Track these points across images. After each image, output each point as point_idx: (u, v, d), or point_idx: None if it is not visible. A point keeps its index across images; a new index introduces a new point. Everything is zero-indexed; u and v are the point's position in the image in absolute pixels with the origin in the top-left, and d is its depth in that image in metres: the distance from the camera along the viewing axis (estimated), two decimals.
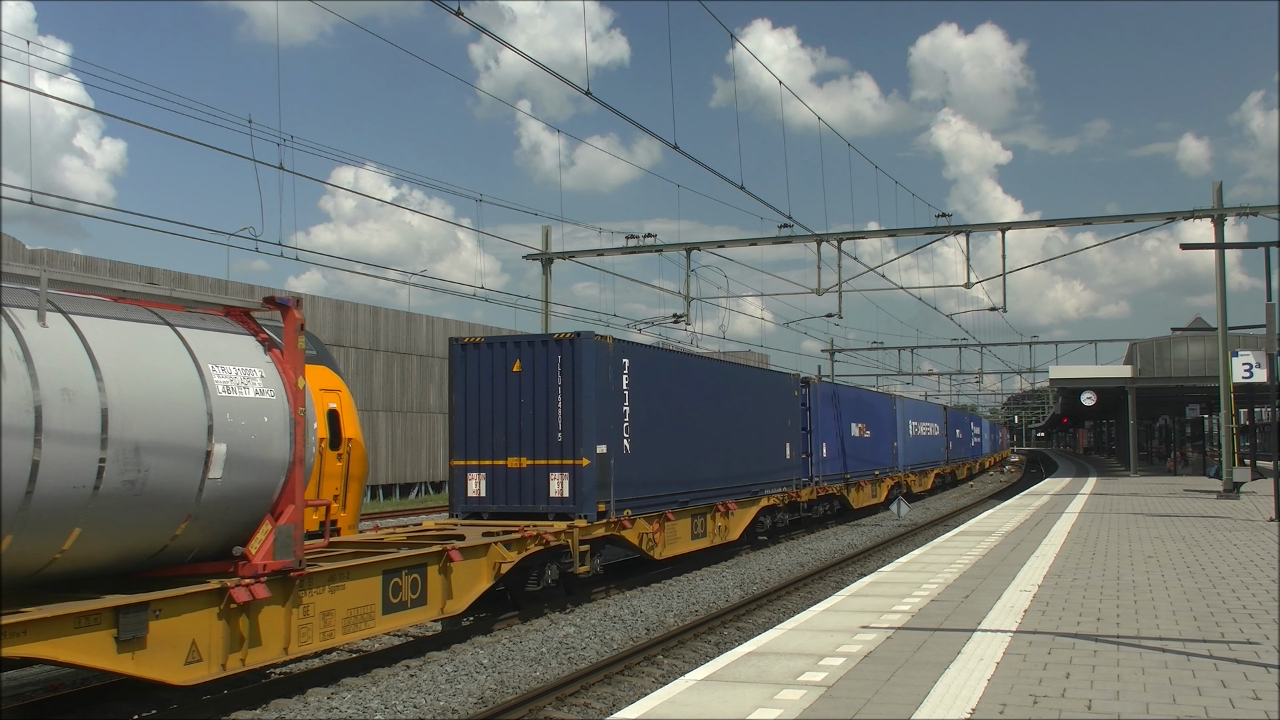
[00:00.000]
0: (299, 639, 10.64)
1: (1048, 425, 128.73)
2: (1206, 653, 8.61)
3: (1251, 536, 18.44)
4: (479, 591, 13.80)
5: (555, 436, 16.63)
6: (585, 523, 16.26)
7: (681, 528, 20.05)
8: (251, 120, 14.53)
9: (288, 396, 10.40)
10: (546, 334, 17.00)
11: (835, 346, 63.80)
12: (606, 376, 17.05)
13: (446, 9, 11.09)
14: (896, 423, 40.29)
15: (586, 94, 13.94)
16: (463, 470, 17.19)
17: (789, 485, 26.42)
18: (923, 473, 45.34)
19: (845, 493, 32.04)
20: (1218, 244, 27.94)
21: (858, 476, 33.59)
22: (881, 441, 37.44)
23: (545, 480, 16.68)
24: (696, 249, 31.13)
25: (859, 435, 34.11)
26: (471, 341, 17.45)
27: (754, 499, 23.99)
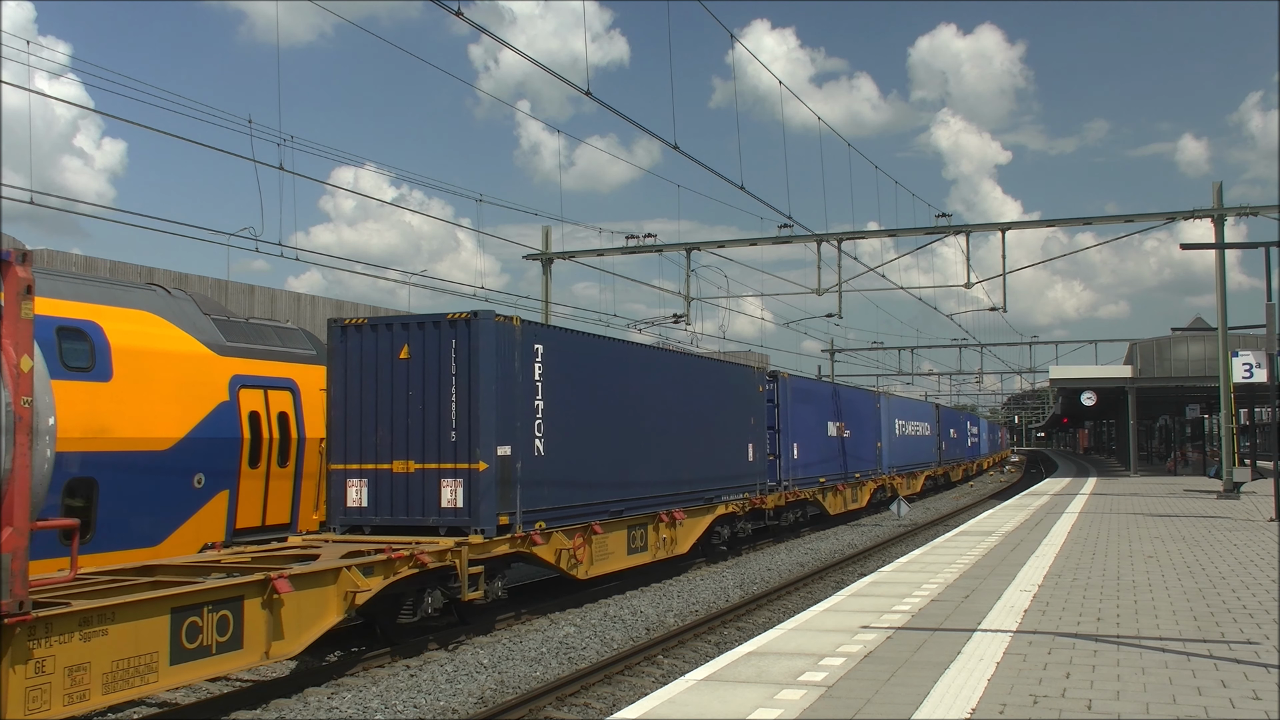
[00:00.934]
0: (27, 705, 8.01)
1: (1048, 425, 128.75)
2: (1206, 653, 8.61)
3: (1251, 536, 18.44)
4: (322, 628, 11.31)
5: (448, 436, 14.20)
6: (481, 539, 13.89)
7: (615, 541, 17.60)
8: (251, 120, 14.54)
9: (4, 384, 7.75)
10: (439, 314, 14.57)
11: (835, 346, 63.84)
12: (512, 365, 14.65)
13: (446, 9, 11.09)
14: (881, 421, 37.93)
15: (586, 94, 13.95)
16: (341, 476, 14.65)
17: (752, 490, 23.90)
18: (911, 475, 42.78)
19: (820, 498, 29.74)
20: (1218, 244, 27.95)
21: (835, 480, 31.26)
22: (863, 442, 35.26)
23: (436, 488, 14.22)
24: (696, 249, 31.14)
25: (837, 435, 31.74)
26: (353, 323, 14.98)
27: (708, 506, 21.59)
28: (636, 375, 18.87)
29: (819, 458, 29.50)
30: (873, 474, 36.26)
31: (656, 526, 19.12)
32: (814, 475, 28.92)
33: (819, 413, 29.93)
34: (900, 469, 40.50)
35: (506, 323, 14.70)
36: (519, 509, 14.64)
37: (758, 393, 24.87)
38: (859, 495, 34.30)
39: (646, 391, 19.16)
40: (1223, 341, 30.06)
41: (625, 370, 18.43)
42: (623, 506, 17.77)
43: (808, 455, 28.31)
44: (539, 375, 15.31)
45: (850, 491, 33.17)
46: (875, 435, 36.90)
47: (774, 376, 26.54)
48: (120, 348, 13.14)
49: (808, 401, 28.94)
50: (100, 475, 12.60)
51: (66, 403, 12.21)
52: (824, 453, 30.08)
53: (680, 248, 31.19)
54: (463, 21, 11.32)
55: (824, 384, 34.32)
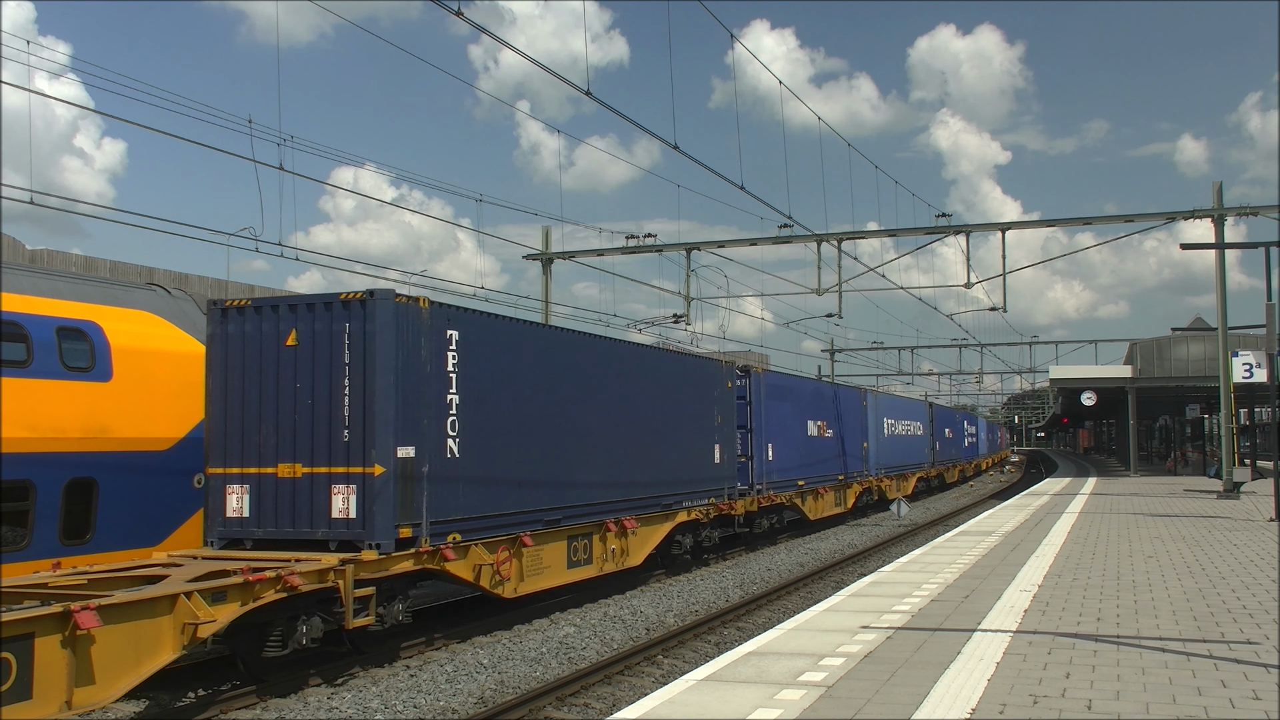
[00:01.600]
0: None
1: (1048, 425, 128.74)
2: (1206, 653, 8.61)
3: (1251, 536, 18.44)
4: (151, 668, 9.53)
5: (339, 435, 12.46)
6: (375, 554, 12.02)
7: (551, 554, 15.72)
8: (251, 120, 14.53)
9: None
10: (331, 294, 12.77)
11: (835, 346, 63.83)
12: (418, 353, 12.88)
13: (447, 9, 11.09)
14: (868, 420, 35.76)
15: (587, 94, 13.94)
16: (220, 481, 12.91)
17: (719, 495, 21.91)
18: (901, 476, 40.58)
19: (799, 502, 27.58)
20: (1218, 244, 27.95)
21: (817, 482, 29.16)
22: (848, 442, 33.04)
23: (326, 495, 12.43)
24: (696, 249, 31.14)
25: (818, 435, 29.64)
26: (235, 305, 13.18)
27: (666, 513, 19.62)
28: (578, 367, 16.83)
29: (798, 459, 27.44)
30: (859, 476, 34.09)
31: (604, 536, 17.22)
32: (792, 478, 26.88)
33: (798, 411, 27.95)
34: (890, 470, 38.40)
35: (411, 304, 12.86)
36: (425, 519, 12.77)
37: (726, 389, 22.89)
38: (843, 498, 32.32)
39: (591, 386, 17.18)
40: (1223, 341, 30.06)
41: (564, 361, 16.44)
42: (561, 515, 15.87)
43: (785, 456, 26.29)
44: (454, 365, 13.48)
45: (834, 495, 31.13)
46: (862, 435, 34.88)
47: (746, 371, 24.52)
48: (120, 348, 13.10)
49: (785, 399, 26.93)
50: (100, 475, 12.58)
51: (66, 403, 12.24)
52: (804, 454, 27.99)
53: (680, 248, 31.19)
54: (463, 21, 11.32)
55: (803, 380, 31.54)
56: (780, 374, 28.60)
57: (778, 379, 27.30)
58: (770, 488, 25.13)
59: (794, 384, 29.00)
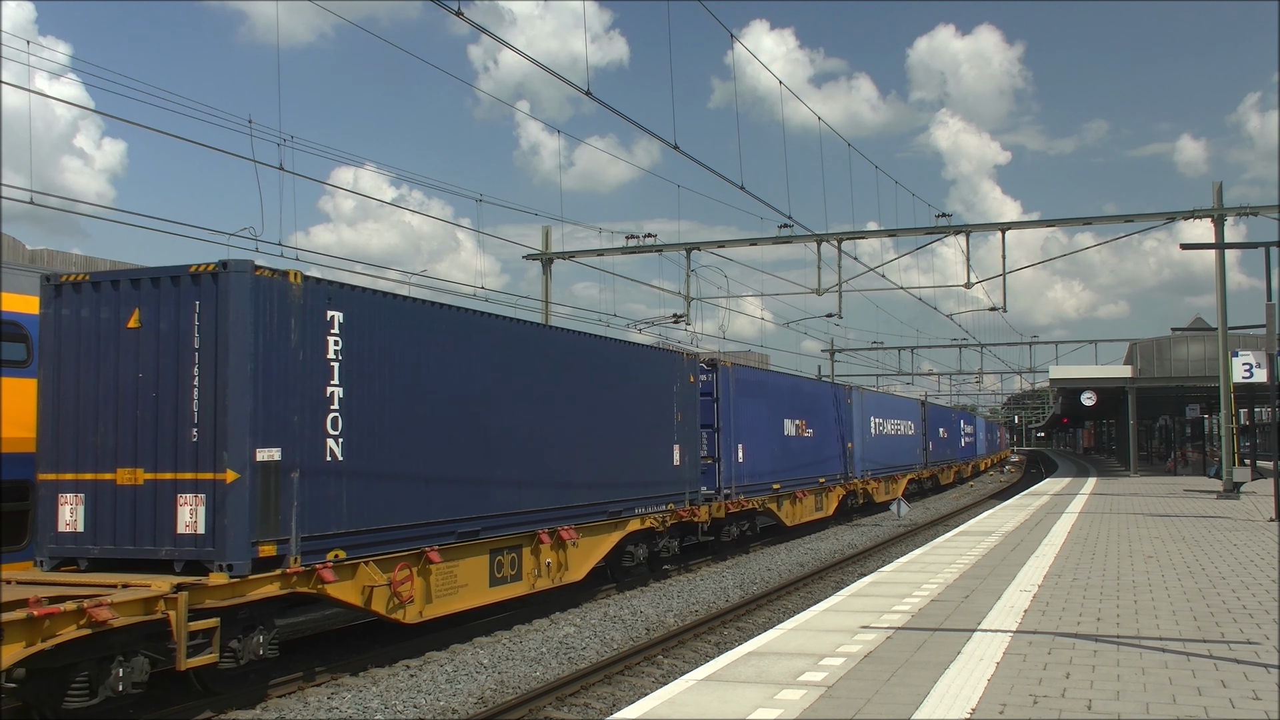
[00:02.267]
0: None
1: (1048, 425, 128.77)
2: (1206, 653, 8.61)
3: (1251, 536, 18.44)
4: None
5: (187, 435, 10.59)
6: (225, 577, 10.14)
7: (468, 570, 13.64)
8: (251, 120, 14.53)
9: None
10: (180, 266, 10.83)
11: (835, 346, 63.83)
12: (286, 338, 10.92)
13: (447, 9, 11.09)
14: (853, 419, 33.77)
15: (587, 94, 13.94)
16: (52, 490, 10.99)
17: (679, 500, 19.90)
18: (890, 479, 38.51)
19: (775, 507, 25.68)
20: (1218, 244, 27.95)
21: (794, 485, 27.07)
22: (829, 442, 30.91)
23: (171, 506, 10.52)
24: (696, 249, 31.13)
25: (796, 435, 27.65)
26: (70, 281, 11.21)
27: (615, 522, 17.64)
28: (504, 357, 14.77)
29: (773, 461, 25.44)
30: (842, 478, 32.01)
31: (536, 549, 15.23)
32: (766, 481, 24.92)
33: (772, 409, 25.92)
34: (878, 472, 36.49)
35: (278, 279, 10.87)
36: (295, 534, 10.84)
37: (689, 384, 20.72)
38: (824, 502, 29.96)
39: (521, 378, 15.14)
40: (1223, 341, 30.05)
41: (485, 350, 14.34)
42: (481, 525, 13.90)
43: (757, 458, 24.37)
44: (336, 352, 11.53)
45: (813, 499, 28.82)
46: (845, 434, 32.68)
47: (712, 365, 22.68)
48: None
49: (758, 395, 25.00)
50: None
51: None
52: (779, 455, 26.09)
53: (680, 248, 31.19)
54: (462, 22, 11.31)
55: (780, 375, 29.02)
56: (753, 369, 26.64)
57: (749, 374, 25.16)
58: (740, 492, 23.20)
59: (768, 380, 26.82)
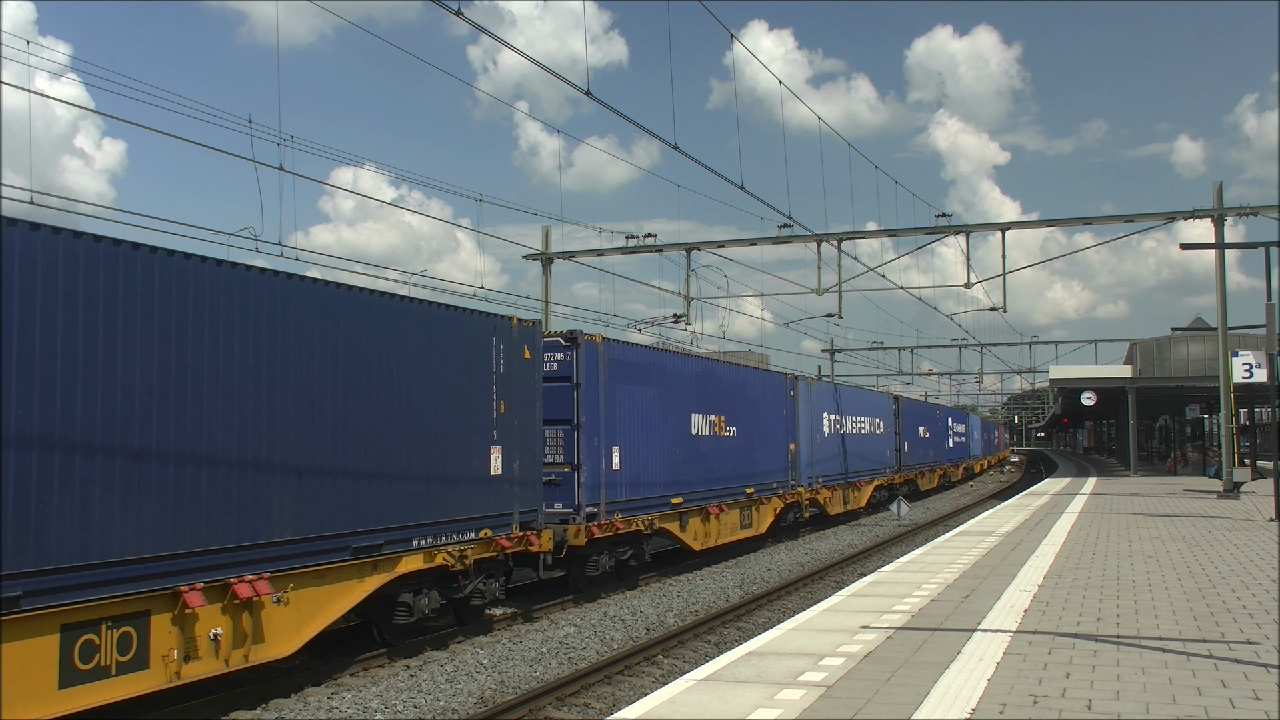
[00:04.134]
0: None
1: (1048, 425, 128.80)
2: (1206, 653, 8.61)
3: (1251, 536, 18.44)
4: None
5: None
6: None
7: (22, 663, 8.29)
8: (251, 120, 14.51)
9: None
10: None
11: (835, 346, 63.85)
12: None
13: (447, 9, 11.08)
14: (798, 416, 27.90)
15: (587, 94, 13.93)
16: None
17: (503, 524, 14.45)
18: (851, 485, 33.17)
19: (676, 527, 20.23)
20: (1218, 244, 27.94)
21: (708, 498, 21.62)
22: (763, 443, 25.21)
23: None
24: (696, 249, 31.13)
25: (712, 434, 22.12)
26: None
27: (368, 562, 12.08)
28: (135, 309, 9.47)
29: (670, 469, 20.01)
30: (781, 487, 26.26)
31: (182, 617, 9.71)
32: (660, 494, 19.53)
33: (670, 400, 20.28)
34: (833, 478, 31.03)
35: None
36: None
37: (522, 362, 15.11)
38: (754, 518, 24.49)
39: (169, 345, 9.79)
40: (1223, 341, 30.05)
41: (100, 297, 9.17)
42: (36, 593, 8.44)
43: (645, 465, 18.98)
44: None
45: (737, 514, 23.43)
46: (787, 434, 26.86)
47: (572, 340, 17.11)
48: None
49: (646, 382, 19.30)
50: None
51: None
52: (682, 460, 20.56)
53: (680, 248, 31.19)
54: (462, 22, 11.31)
55: (684, 358, 22.38)
56: (639, 347, 19.91)
57: (631, 354, 18.96)
58: (617, 509, 17.77)
59: (664, 363, 20.48)
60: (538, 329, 15.81)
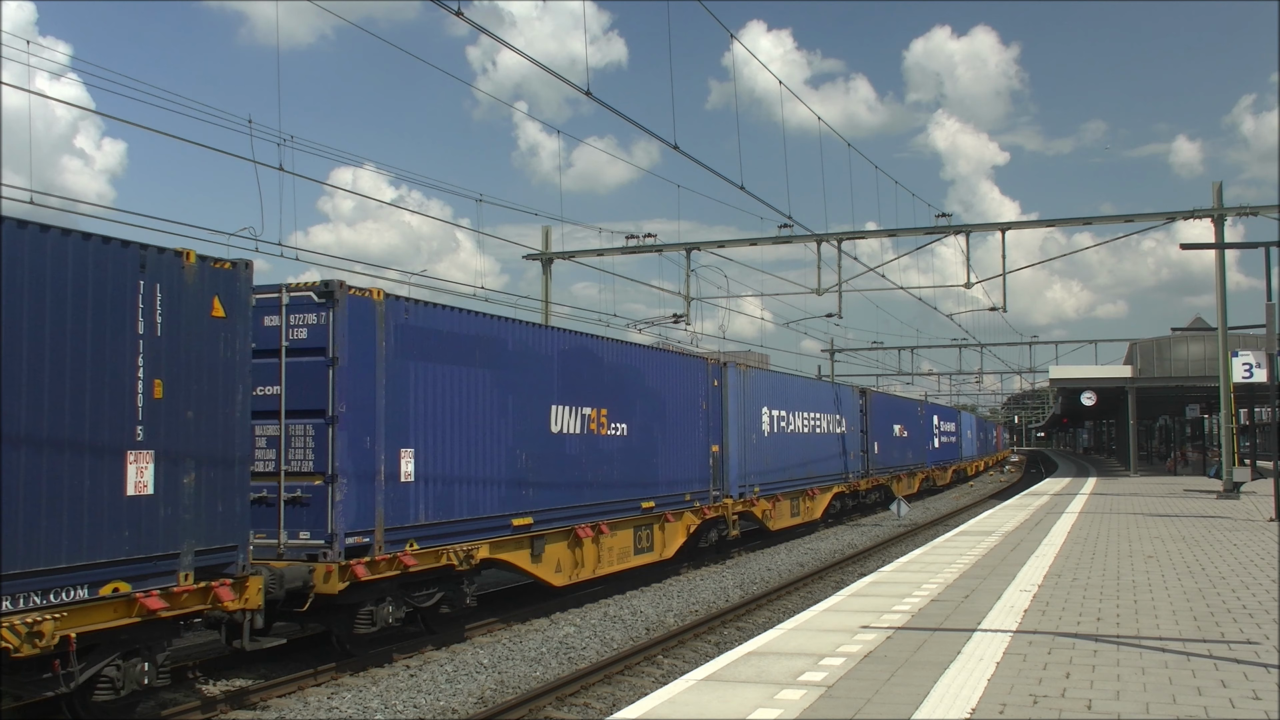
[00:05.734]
0: None
1: (1048, 425, 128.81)
2: (1206, 653, 8.61)
3: (1251, 536, 18.43)
4: None
5: None
6: None
7: None
8: (251, 121, 14.50)
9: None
10: None
11: (835, 346, 63.86)
12: None
13: (446, 9, 11.09)
14: (728, 411, 22.74)
15: (587, 94, 13.93)
16: None
17: (164, 576, 9.70)
18: (800, 495, 27.88)
19: (524, 558, 15.20)
20: (1218, 244, 27.94)
21: (574, 516, 16.47)
22: (670, 445, 19.93)
23: None
24: (696, 249, 31.13)
25: (588, 432, 16.99)
26: None
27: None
28: None
29: (510, 478, 14.89)
30: (699, 499, 21.08)
31: None
32: (491, 515, 14.41)
33: (513, 387, 15.10)
34: (775, 486, 25.59)
35: None
36: None
37: (208, 320, 10.33)
38: (655, 539, 19.36)
39: None
40: (1223, 341, 30.05)
41: None
42: None
43: (460, 473, 13.86)
44: None
45: (629, 534, 18.30)
46: (707, 433, 21.73)
47: (327, 294, 12.21)
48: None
49: (467, 360, 14.15)
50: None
51: None
52: (530, 467, 15.38)
53: (680, 248, 31.19)
54: (462, 22, 11.31)
55: (537, 331, 16.51)
56: (451, 311, 14.12)
57: (438, 319, 13.72)
58: (410, 537, 12.81)
59: (501, 334, 15.01)
60: (242, 272, 10.73)
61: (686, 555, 21.65)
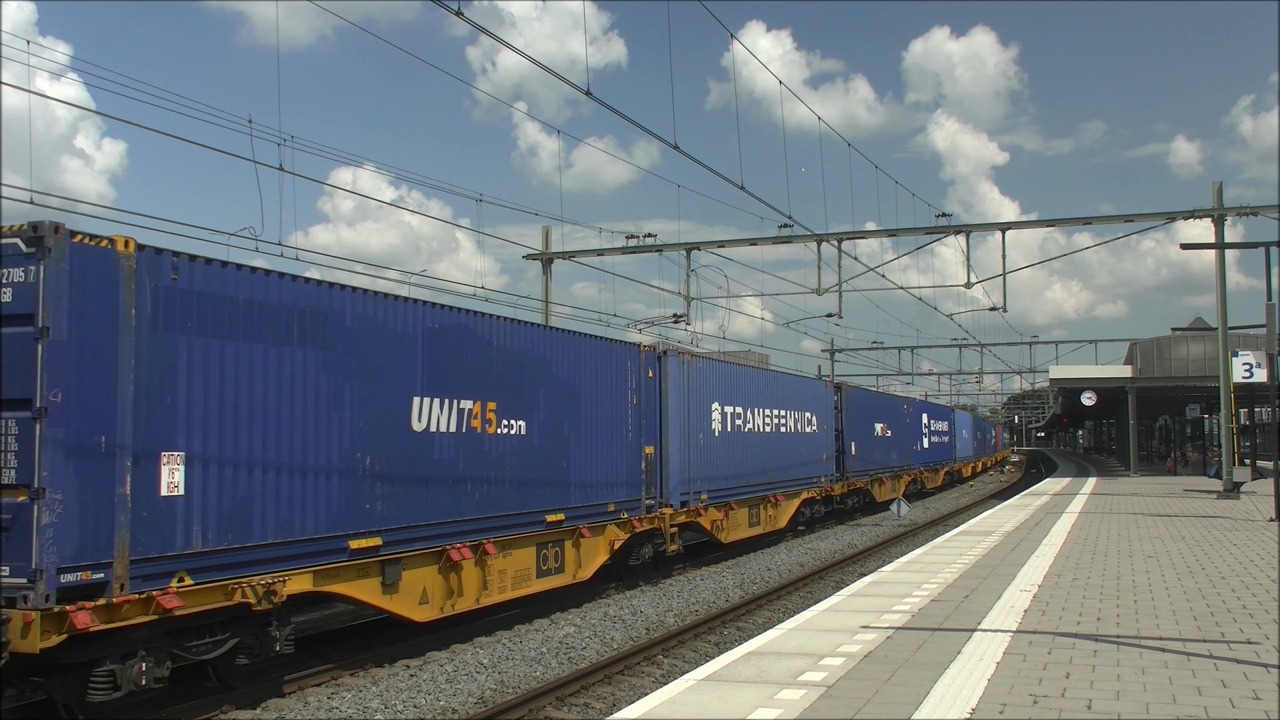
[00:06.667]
0: None
1: (1048, 425, 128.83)
2: (1206, 653, 8.61)
3: (1251, 536, 18.43)
4: None
5: None
6: None
7: None
8: (251, 121, 14.50)
9: None
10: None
11: (835, 346, 63.86)
12: None
13: (446, 9, 11.08)
14: (665, 406, 19.60)
15: (587, 94, 13.93)
16: None
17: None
18: (764, 500, 24.88)
19: (372, 589, 12.19)
20: (1218, 244, 27.94)
21: (447, 534, 13.36)
22: (588, 445, 16.82)
23: None
24: (696, 249, 31.13)
25: (469, 431, 13.87)
26: None
27: None
28: None
29: (347, 489, 11.80)
30: (627, 509, 17.91)
31: None
32: (318, 537, 11.34)
33: (354, 374, 12.02)
34: (729, 493, 22.56)
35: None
36: None
37: None
38: (568, 557, 16.23)
39: None
40: (1223, 341, 30.05)
41: None
42: None
43: (264, 484, 10.79)
44: None
45: (531, 553, 15.25)
46: (638, 432, 18.53)
47: (36, 241, 8.94)
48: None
49: (279, 339, 11.11)
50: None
51: None
52: (379, 474, 12.24)
53: (680, 248, 31.19)
54: (462, 22, 11.31)
55: (392, 304, 12.87)
56: (248, 272, 10.88)
57: (229, 283, 10.61)
58: (180, 569, 9.85)
59: (335, 306, 11.90)
60: None
61: (613, 575, 18.66)
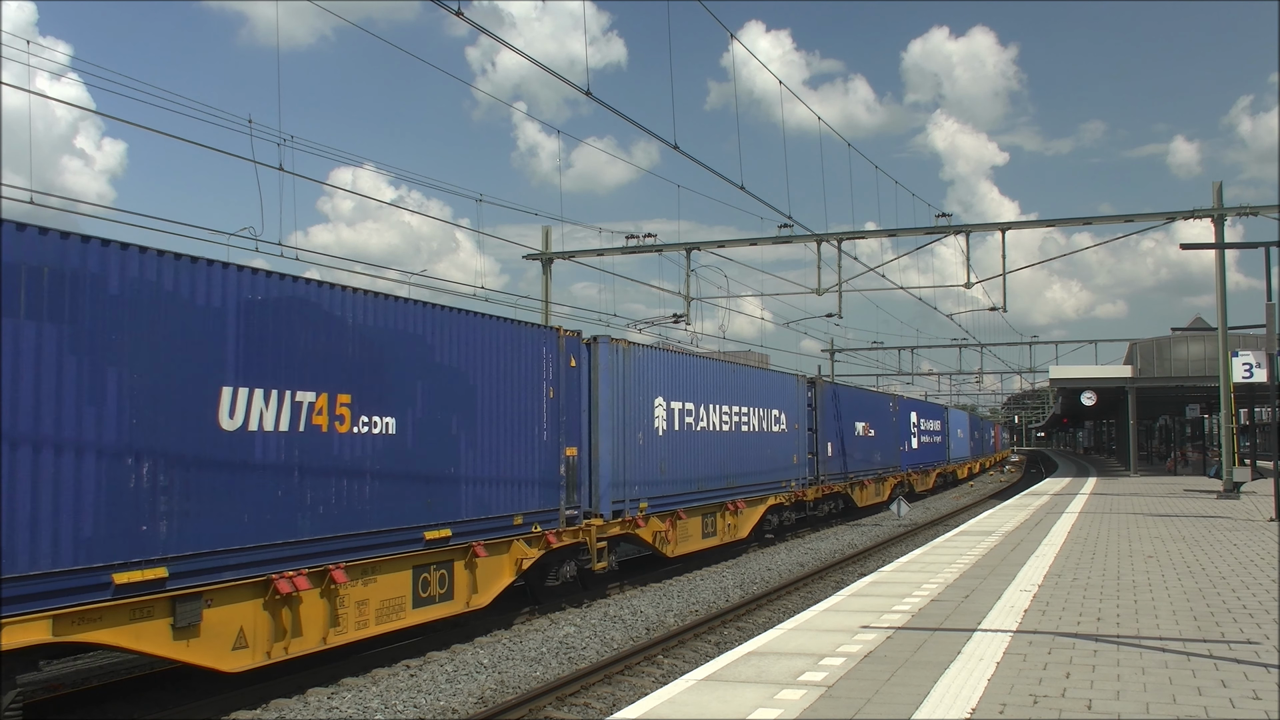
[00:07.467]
0: None
1: (1048, 425, 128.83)
2: (1206, 653, 8.61)
3: (1251, 536, 18.43)
4: None
5: None
6: None
7: None
8: (251, 121, 14.50)
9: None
10: None
11: (835, 346, 63.86)
12: None
13: (447, 9, 11.08)
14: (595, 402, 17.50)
15: (587, 94, 13.93)
16: None
17: None
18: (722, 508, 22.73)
19: (160, 638, 9.58)
20: (1218, 244, 27.93)
21: (283, 559, 10.85)
22: (485, 447, 14.40)
23: None
24: (696, 249, 31.12)
25: (311, 430, 11.39)
26: None
27: None
28: None
29: (115, 507, 9.21)
30: (541, 522, 15.62)
31: None
32: (80, 566, 8.88)
33: (149, 360, 9.69)
34: (677, 500, 20.34)
35: None
36: None
37: None
38: (453, 582, 13.71)
39: None
40: (1223, 341, 30.05)
41: None
42: None
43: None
44: None
45: (407, 578, 12.85)
46: (556, 431, 16.27)
47: None
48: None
49: (57, 316, 8.82)
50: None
51: None
52: (167, 489, 9.72)
53: (680, 248, 31.18)
54: (462, 22, 11.31)
55: (194, 267, 10.12)
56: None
57: None
58: None
59: (100, 266, 9.29)
60: None
61: (525, 598, 16.48)
